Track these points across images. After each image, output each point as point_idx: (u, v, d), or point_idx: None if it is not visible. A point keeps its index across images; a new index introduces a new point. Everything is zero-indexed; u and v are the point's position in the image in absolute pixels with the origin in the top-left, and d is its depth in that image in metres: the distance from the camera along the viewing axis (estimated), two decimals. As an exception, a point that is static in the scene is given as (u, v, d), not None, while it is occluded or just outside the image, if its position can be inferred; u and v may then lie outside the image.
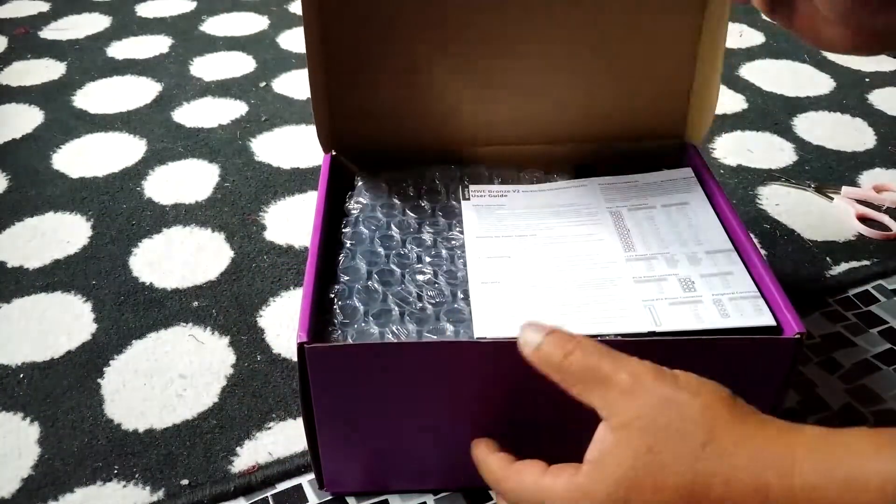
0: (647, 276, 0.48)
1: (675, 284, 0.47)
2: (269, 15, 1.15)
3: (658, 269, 0.48)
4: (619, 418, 0.36)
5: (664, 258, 0.49)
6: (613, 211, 0.53)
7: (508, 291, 0.47)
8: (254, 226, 0.73)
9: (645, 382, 0.36)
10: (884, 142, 0.86)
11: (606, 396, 0.36)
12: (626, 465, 0.35)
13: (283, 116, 0.90)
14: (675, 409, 0.35)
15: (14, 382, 0.57)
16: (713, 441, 0.34)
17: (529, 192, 0.55)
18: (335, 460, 0.47)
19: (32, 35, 1.10)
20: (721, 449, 0.33)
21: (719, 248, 0.49)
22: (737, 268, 0.48)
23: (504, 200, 0.55)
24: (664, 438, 0.34)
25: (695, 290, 0.46)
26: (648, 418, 0.35)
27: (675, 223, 0.52)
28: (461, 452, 0.48)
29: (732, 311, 0.45)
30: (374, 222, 0.54)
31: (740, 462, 0.33)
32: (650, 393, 0.35)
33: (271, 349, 0.60)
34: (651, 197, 0.54)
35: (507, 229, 0.52)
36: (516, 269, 0.49)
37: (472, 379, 0.44)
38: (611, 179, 0.56)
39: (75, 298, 0.65)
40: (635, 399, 0.35)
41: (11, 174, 0.80)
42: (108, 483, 0.50)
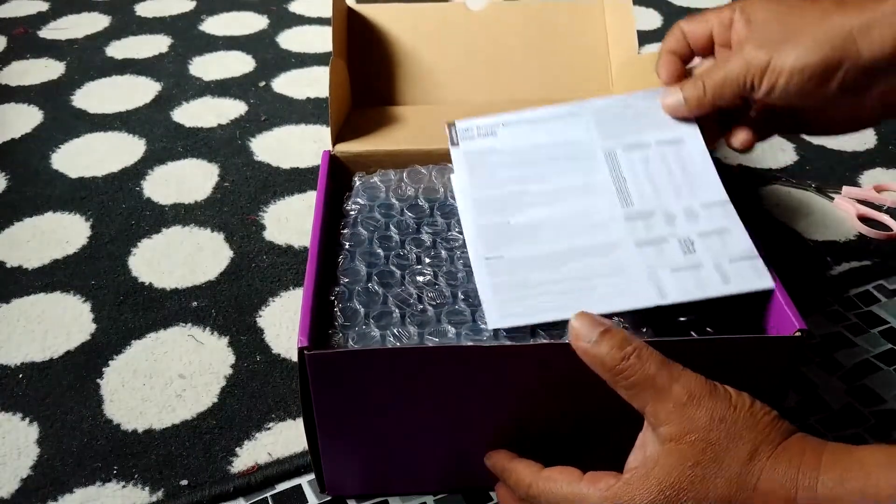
0: (647, 238, 0.48)
1: (675, 247, 0.47)
2: (269, 15, 1.15)
3: (657, 229, 0.48)
4: (670, 431, 0.37)
5: (662, 215, 0.49)
6: (608, 152, 0.51)
7: (513, 268, 0.47)
8: (253, 226, 0.73)
9: (701, 399, 0.37)
10: (884, 142, 0.85)
11: (659, 407, 0.37)
12: (673, 476, 0.36)
13: (282, 116, 0.90)
14: (725, 428, 0.36)
15: (13, 382, 0.57)
16: (755, 458, 0.36)
17: (520, 126, 0.53)
18: (336, 463, 0.47)
19: (32, 35, 1.10)
20: (761, 465, 0.36)
21: (715, 199, 0.49)
22: (733, 223, 0.48)
23: (494, 141, 0.52)
24: (712, 454, 0.36)
25: (694, 251, 0.47)
26: (700, 434, 0.36)
27: (670, 169, 0.50)
28: (461, 455, 0.48)
29: (733, 275, 0.46)
30: (372, 223, 0.54)
31: (776, 476, 0.35)
32: (705, 410, 0.37)
33: (271, 349, 0.60)
34: (646, 130, 0.52)
35: (499, 183, 0.50)
36: (516, 238, 0.48)
37: (471, 382, 0.44)
38: (603, 104, 0.53)
39: (74, 298, 0.65)
40: (689, 414, 0.37)
41: (10, 174, 0.80)
42: (107, 483, 0.50)
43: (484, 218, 0.49)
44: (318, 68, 1.00)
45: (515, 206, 0.49)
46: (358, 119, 0.64)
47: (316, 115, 0.90)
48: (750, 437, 0.36)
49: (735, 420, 0.37)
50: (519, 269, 0.47)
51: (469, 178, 0.51)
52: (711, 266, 0.46)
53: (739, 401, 0.37)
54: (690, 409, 0.37)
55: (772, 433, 0.37)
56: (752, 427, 0.37)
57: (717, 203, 0.49)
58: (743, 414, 0.37)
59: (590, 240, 0.48)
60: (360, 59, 0.67)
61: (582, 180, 0.50)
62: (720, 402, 0.37)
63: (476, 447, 0.48)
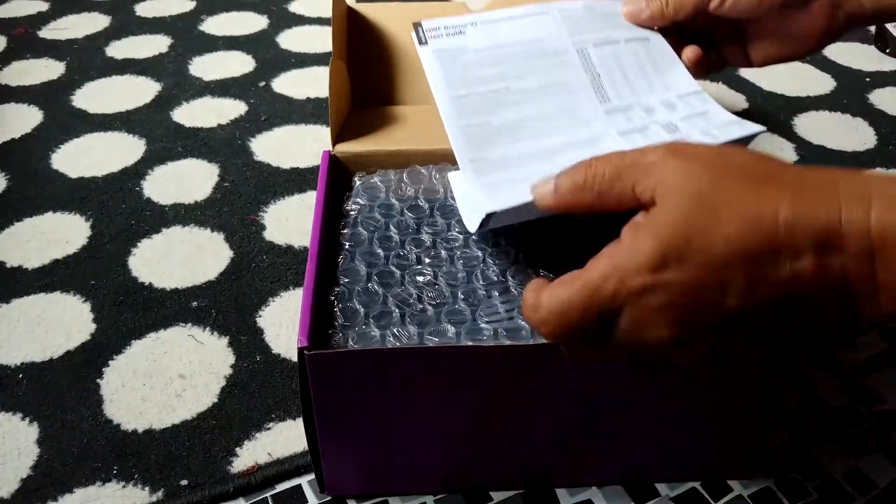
0: (629, 128, 0.47)
1: (659, 131, 0.47)
2: (269, 15, 1.15)
3: (637, 120, 0.48)
4: (664, 184, 0.32)
5: (640, 107, 0.49)
6: (580, 48, 0.51)
7: (500, 166, 0.46)
8: (253, 226, 0.73)
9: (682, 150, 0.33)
10: (884, 142, 0.85)
11: (645, 180, 0.33)
12: (681, 214, 0.31)
13: (282, 116, 0.90)
14: (724, 157, 0.33)
15: (13, 382, 0.57)
16: (773, 175, 0.32)
17: (489, 25, 0.52)
18: (336, 463, 0.47)
19: (32, 35, 1.10)
20: (782, 180, 0.31)
21: (689, 90, 0.50)
22: (711, 106, 0.48)
23: (464, 40, 0.51)
24: (722, 181, 0.32)
25: (679, 131, 0.47)
26: (700, 165, 0.32)
27: (641, 65, 0.51)
28: (461, 455, 0.48)
29: (723, 134, 0.46)
30: (372, 223, 0.54)
31: (808, 192, 0.31)
32: (693, 154, 0.33)
33: (270, 349, 0.60)
34: (613, 29, 0.53)
35: (476, 82, 0.49)
36: (500, 137, 0.47)
37: (471, 382, 0.44)
38: (568, 5, 0.53)
39: (74, 298, 0.65)
40: (678, 164, 0.33)
41: (10, 174, 0.80)
42: (107, 483, 0.50)
43: (465, 118, 0.47)
44: (318, 68, 1.00)
45: (495, 105, 0.48)
46: (358, 119, 0.64)
47: (316, 115, 0.90)
48: (759, 160, 0.32)
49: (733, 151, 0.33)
50: (506, 166, 0.46)
51: (444, 77, 0.49)
52: (699, 134, 0.46)
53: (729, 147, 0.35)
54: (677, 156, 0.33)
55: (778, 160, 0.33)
56: (754, 154, 0.33)
57: (692, 93, 0.49)
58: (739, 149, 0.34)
59: (574, 135, 0.47)
60: (360, 59, 0.67)
61: (558, 76, 0.50)
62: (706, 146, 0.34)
63: (476, 447, 0.48)
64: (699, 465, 0.50)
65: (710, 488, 0.50)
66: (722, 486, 0.50)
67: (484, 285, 0.49)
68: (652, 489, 0.50)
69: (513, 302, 0.47)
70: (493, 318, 0.47)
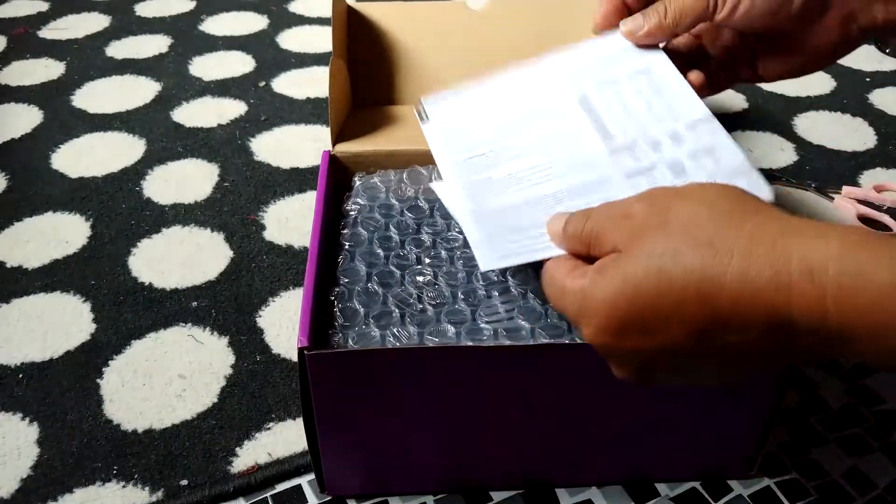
0: (635, 168, 0.45)
1: (665, 173, 0.45)
2: (269, 15, 1.15)
3: (644, 158, 0.46)
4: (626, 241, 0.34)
5: (646, 142, 0.46)
6: (580, 95, 0.50)
7: (502, 215, 0.45)
8: (253, 226, 0.73)
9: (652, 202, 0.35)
10: (884, 142, 0.85)
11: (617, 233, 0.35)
12: (629, 271, 0.33)
13: (282, 116, 0.90)
14: (679, 214, 0.33)
15: (13, 382, 0.57)
16: (724, 238, 0.31)
17: (487, 92, 0.52)
18: (336, 463, 0.47)
19: (31, 35, 1.10)
20: (732, 244, 0.31)
21: (696, 117, 0.47)
22: (720, 138, 0.45)
23: (463, 109, 0.52)
24: (669, 243, 0.32)
25: (686, 174, 0.44)
26: (652, 230, 0.33)
27: (645, 97, 0.49)
28: (461, 455, 0.48)
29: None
30: (372, 223, 0.54)
31: (758, 255, 0.30)
32: (655, 208, 0.34)
33: (270, 349, 0.60)
34: (613, 67, 0.51)
35: (477, 145, 0.50)
36: (502, 188, 0.47)
37: (471, 382, 0.44)
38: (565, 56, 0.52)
39: (74, 298, 0.65)
40: (640, 219, 0.34)
41: (10, 174, 0.80)
42: (107, 483, 0.50)
43: (466, 177, 0.48)
44: (318, 68, 1.00)
45: (496, 162, 0.48)
46: (358, 119, 0.64)
47: (316, 115, 0.90)
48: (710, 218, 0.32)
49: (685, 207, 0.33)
50: (509, 215, 0.45)
51: (445, 147, 0.50)
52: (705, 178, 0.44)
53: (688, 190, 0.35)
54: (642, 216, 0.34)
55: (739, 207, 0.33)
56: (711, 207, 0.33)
57: (701, 121, 0.47)
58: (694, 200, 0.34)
59: (578, 179, 0.46)
60: (360, 59, 0.67)
61: (559, 127, 0.49)
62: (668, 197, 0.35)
63: (476, 447, 0.48)
64: (699, 465, 0.50)
65: (710, 488, 0.50)
66: (722, 486, 0.50)
67: (484, 285, 0.49)
68: (652, 489, 0.50)
69: (513, 302, 0.47)
70: (493, 318, 0.47)
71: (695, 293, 0.31)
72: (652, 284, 0.32)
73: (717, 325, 0.31)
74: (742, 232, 0.31)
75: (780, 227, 0.31)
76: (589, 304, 0.34)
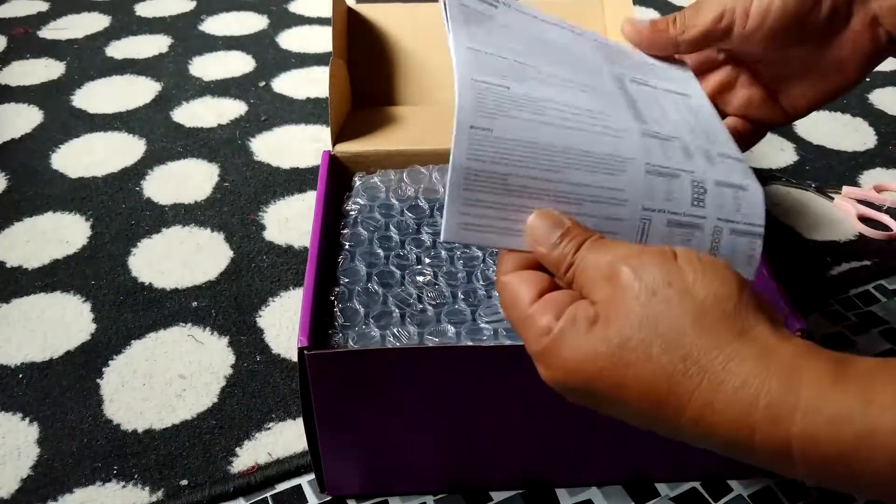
0: (661, 166, 0.38)
1: (687, 188, 0.38)
2: (269, 14, 1.15)
3: (674, 159, 0.39)
4: (605, 305, 0.32)
5: (680, 145, 0.40)
6: (616, 75, 0.43)
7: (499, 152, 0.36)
8: (253, 225, 0.73)
9: (641, 273, 0.32)
10: (884, 142, 0.86)
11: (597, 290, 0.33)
12: (599, 350, 0.31)
13: (282, 116, 0.90)
14: (663, 306, 0.31)
15: (13, 382, 0.57)
16: (698, 356, 0.30)
17: (524, 14, 0.44)
18: (336, 463, 0.47)
19: (31, 35, 1.10)
20: (705, 367, 0.30)
21: (732, 154, 0.41)
22: (751, 182, 0.40)
23: (494, 12, 0.43)
24: (644, 339, 0.31)
25: (703, 205, 0.38)
26: (632, 312, 0.31)
27: (681, 113, 0.43)
28: (461, 455, 0.48)
29: (723, 250, 0.38)
30: (372, 223, 0.54)
31: (726, 390, 0.29)
32: (641, 283, 0.32)
33: (270, 349, 0.60)
34: (649, 74, 0.45)
35: (502, 48, 0.40)
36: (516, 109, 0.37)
37: (471, 382, 0.44)
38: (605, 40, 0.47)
39: (74, 298, 0.65)
40: (625, 288, 0.32)
41: (10, 174, 0.80)
42: (107, 483, 0.50)
43: (482, 74, 0.38)
44: (318, 68, 1.00)
45: (519, 73, 0.39)
46: (358, 119, 0.64)
47: (316, 115, 0.90)
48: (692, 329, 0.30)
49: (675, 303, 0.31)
50: (507, 156, 0.36)
51: (466, 32, 0.40)
52: (709, 231, 0.39)
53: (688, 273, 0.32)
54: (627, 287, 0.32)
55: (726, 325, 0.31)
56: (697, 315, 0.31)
57: (735, 158, 0.41)
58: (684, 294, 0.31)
59: (600, 143, 0.38)
60: (360, 59, 0.67)
61: (591, 80, 0.41)
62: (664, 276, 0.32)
63: (476, 447, 0.48)
64: (699, 465, 0.50)
65: (710, 488, 0.50)
66: (722, 486, 0.50)
67: (484, 285, 0.49)
68: (652, 489, 0.50)
69: (513, 302, 0.47)
70: (493, 318, 0.47)
71: (656, 400, 0.31)
72: (619, 374, 0.31)
73: (670, 430, 0.31)
74: (719, 356, 0.30)
75: (758, 356, 0.30)
76: (552, 355, 0.33)
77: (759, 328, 0.31)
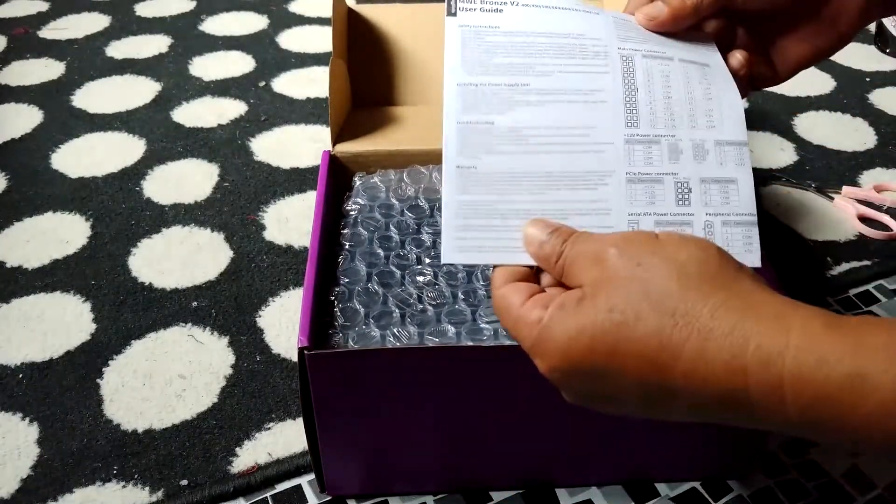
0: (642, 173, 0.41)
1: (670, 190, 0.41)
2: (269, 15, 1.15)
3: (658, 162, 0.42)
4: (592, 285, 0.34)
5: (667, 144, 0.42)
6: (626, 55, 0.44)
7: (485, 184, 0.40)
8: (253, 225, 0.73)
9: (625, 250, 0.34)
10: (884, 142, 0.86)
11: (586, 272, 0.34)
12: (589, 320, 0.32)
13: (282, 116, 0.90)
14: (648, 273, 0.32)
15: (13, 382, 0.57)
16: (686, 310, 0.31)
17: (531, 8, 0.46)
18: (336, 463, 0.47)
19: (31, 35, 1.10)
20: (693, 319, 0.31)
21: (731, 138, 0.43)
22: (742, 173, 0.42)
23: (498, 18, 0.45)
24: (632, 302, 0.32)
25: (689, 203, 0.41)
26: (619, 282, 0.33)
27: (691, 89, 0.44)
28: (461, 455, 0.48)
29: (718, 241, 0.40)
30: (372, 223, 0.54)
31: (716, 337, 0.30)
32: (626, 258, 0.33)
33: (270, 349, 0.60)
34: (669, 45, 0.45)
35: (494, 71, 0.43)
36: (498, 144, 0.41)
37: (471, 383, 0.44)
38: (625, 15, 0.47)
39: (74, 298, 0.65)
40: (610, 266, 0.34)
41: (10, 174, 0.80)
42: (107, 483, 0.50)
43: (467, 113, 0.41)
44: (318, 68, 1.00)
45: (506, 101, 0.42)
46: (358, 119, 0.64)
47: (316, 115, 0.90)
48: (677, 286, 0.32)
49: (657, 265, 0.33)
50: (492, 186, 0.40)
51: (460, 58, 0.43)
52: (700, 226, 0.41)
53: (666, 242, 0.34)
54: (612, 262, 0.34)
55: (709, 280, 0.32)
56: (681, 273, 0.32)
57: (733, 143, 0.43)
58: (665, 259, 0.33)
59: (581, 161, 0.41)
60: (360, 59, 0.67)
61: (588, 83, 0.43)
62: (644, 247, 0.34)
63: (476, 447, 0.48)
64: (699, 465, 0.50)
65: (710, 488, 0.50)
66: (722, 486, 0.50)
67: (484, 285, 0.49)
68: (652, 489, 0.50)
69: (513, 302, 0.47)
70: (493, 318, 0.47)
71: (649, 360, 0.31)
72: (610, 340, 0.32)
73: (666, 393, 0.32)
74: (706, 307, 0.31)
75: (744, 307, 0.31)
76: (545, 340, 0.34)
77: (744, 283, 0.32)
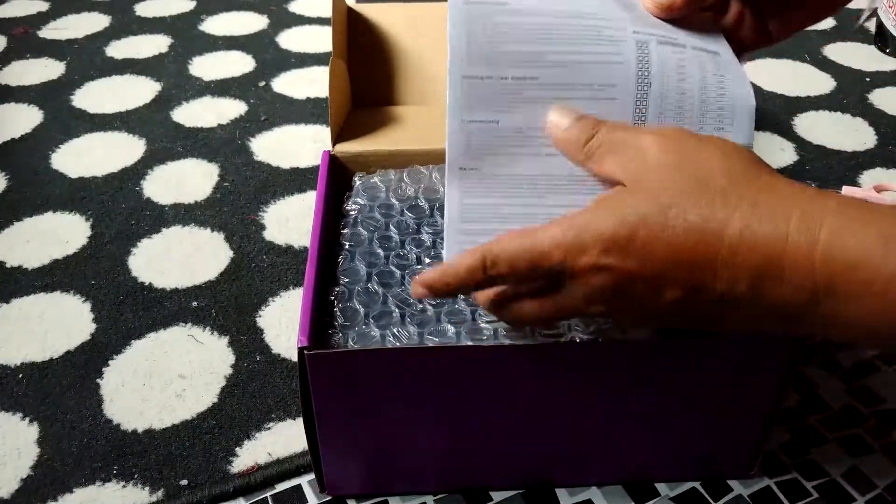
0: None
1: None
2: (269, 14, 1.15)
3: None
4: (637, 175, 0.35)
5: None
6: (640, 41, 0.42)
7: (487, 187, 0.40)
8: (253, 225, 0.73)
9: (668, 142, 0.35)
10: (884, 142, 0.86)
11: (627, 163, 0.36)
12: (640, 204, 0.34)
13: (282, 116, 0.90)
14: (696, 159, 0.34)
15: (13, 382, 0.57)
16: (733, 188, 0.33)
17: None
18: (336, 463, 0.47)
19: (31, 34, 1.10)
20: (740, 195, 0.33)
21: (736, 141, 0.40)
22: None
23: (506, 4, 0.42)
24: (682, 185, 0.33)
25: None
26: (668, 170, 0.34)
27: (703, 80, 0.43)
28: (461, 455, 0.48)
29: None
30: (372, 223, 0.54)
31: (761, 209, 0.32)
32: (675, 148, 0.35)
33: (270, 349, 0.60)
34: (678, 32, 0.44)
35: (501, 62, 0.40)
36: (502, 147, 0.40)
37: (471, 382, 0.44)
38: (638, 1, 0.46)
39: (74, 298, 0.65)
40: (654, 156, 0.35)
41: (10, 174, 0.80)
42: (107, 483, 0.50)
43: (471, 112, 0.40)
44: (318, 68, 1.00)
45: (513, 97, 0.41)
46: (358, 119, 0.64)
47: (316, 115, 0.90)
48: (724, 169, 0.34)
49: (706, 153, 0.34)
50: (495, 189, 0.40)
51: (465, 45, 0.40)
52: None
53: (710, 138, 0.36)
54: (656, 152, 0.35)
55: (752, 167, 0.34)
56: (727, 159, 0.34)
57: None
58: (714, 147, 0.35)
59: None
60: (360, 59, 0.67)
61: (601, 76, 0.41)
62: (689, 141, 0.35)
63: (476, 447, 0.48)
64: (699, 465, 0.50)
65: (710, 488, 0.50)
66: (722, 486, 0.50)
67: (484, 285, 0.49)
68: (652, 489, 0.50)
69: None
70: (493, 318, 0.46)
71: (697, 232, 0.32)
72: (660, 215, 0.33)
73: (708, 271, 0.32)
74: (753, 185, 0.33)
75: (788, 184, 0.33)
76: (587, 231, 0.34)
77: (781, 178, 0.34)
